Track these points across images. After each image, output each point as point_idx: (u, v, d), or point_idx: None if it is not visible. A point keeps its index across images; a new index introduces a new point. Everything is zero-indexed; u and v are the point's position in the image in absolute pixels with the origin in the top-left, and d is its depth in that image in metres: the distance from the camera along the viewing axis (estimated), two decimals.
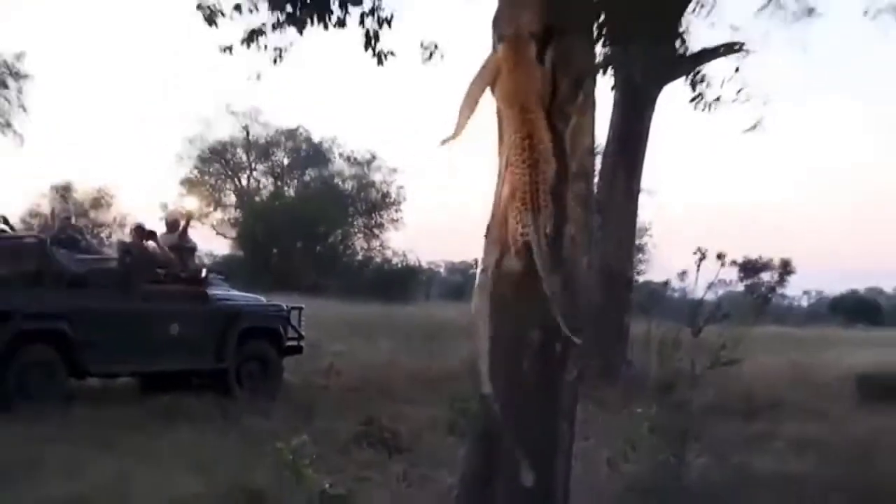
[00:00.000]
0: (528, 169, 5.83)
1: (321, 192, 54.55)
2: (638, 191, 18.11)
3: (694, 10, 15.95)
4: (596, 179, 15.68)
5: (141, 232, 14.52)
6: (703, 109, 15.41)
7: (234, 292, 15.51)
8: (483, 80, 6.18)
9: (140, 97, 76.34)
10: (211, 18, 12.41)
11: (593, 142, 6.55)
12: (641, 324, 16.04)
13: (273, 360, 14.76)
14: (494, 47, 6.12)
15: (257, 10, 12.59)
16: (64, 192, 49.40)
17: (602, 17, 10.44)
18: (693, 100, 15.63)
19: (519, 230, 5.84)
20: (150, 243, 14.33)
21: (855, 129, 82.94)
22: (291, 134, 57.10)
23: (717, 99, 15.11)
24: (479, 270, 6.16)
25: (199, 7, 12.76)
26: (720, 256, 9.70)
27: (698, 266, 9.72)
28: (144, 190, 74.79)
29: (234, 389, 13.85)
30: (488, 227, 6.01)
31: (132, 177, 74.68)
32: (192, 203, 31.25)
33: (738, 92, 14.45)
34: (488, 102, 6.15)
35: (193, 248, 15.55)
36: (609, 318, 16.18)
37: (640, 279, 42.46)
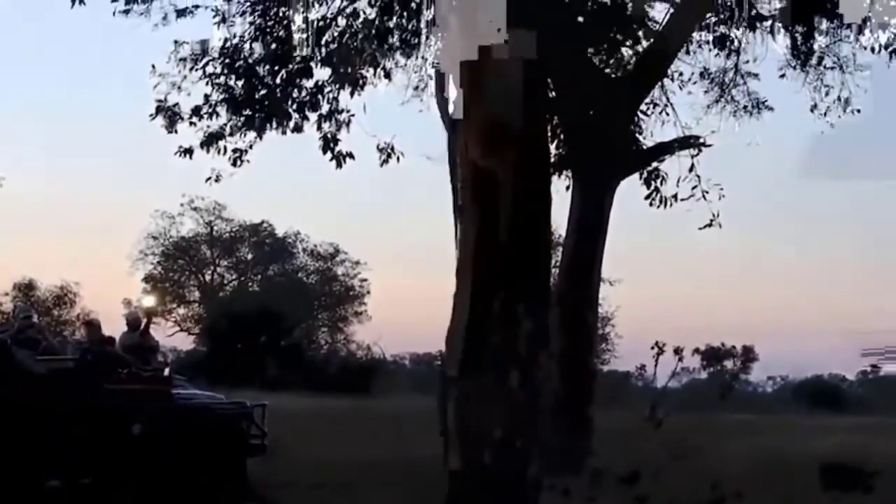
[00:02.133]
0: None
1: (285, 287, 54.53)
2: (598, 281, 18.26)
3: (647, 109, 16.30)
4: (555, 271, 15.94)
5: (92, 327, 14.51)
6: (659, 206, 15.70)
7: (197, 391, 15.46)
8: None
9: (103, 193, 76.21)
10: (171, 124, 12.62)
11: (550, 238, 6.71)
12: (605, 414, 16.10)
13: (237, 458, 14.64)
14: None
15: (217, 115, 12.81)
16: (26, 290, 49.01)
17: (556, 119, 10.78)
18: (648, 196, 15.92)
19: None
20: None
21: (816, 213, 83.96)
22: (255, 229, 57.23)
23: (675, 196, 15.44)
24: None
25: (158, 109, 12.96)
26: (678, 351, 9.86)
27: (656, 360, 9.88)
28: (107, 287, 74.20)
29: (197, 489, 13.71)
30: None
31: (95, 274, 74.21)
32: (153, 301, 31.26)
33: (694, 188, 14.79)
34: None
35: (155, 347, 15.53)
36: (572, 410, 16.21)
37: (605, 368, 42.64)
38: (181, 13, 14.18)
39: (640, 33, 15.92)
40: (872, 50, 14.97)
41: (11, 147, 64.49)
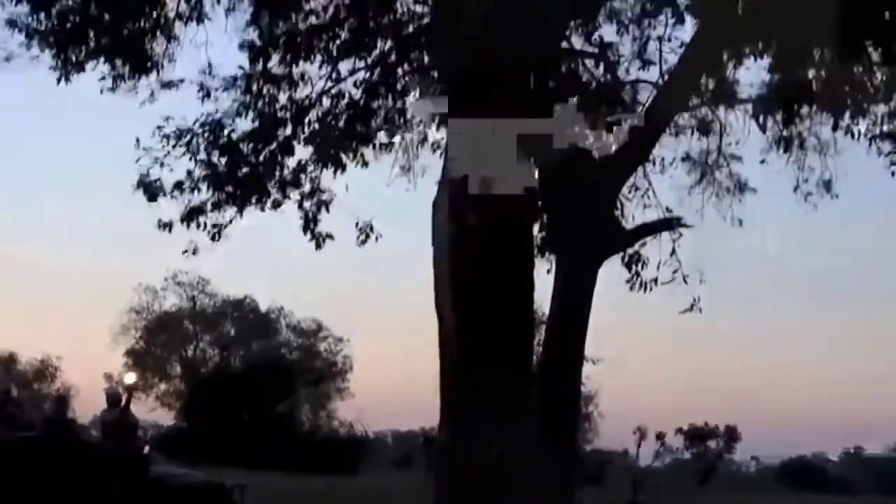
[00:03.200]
0: None
1: (268, 363, 54.28)
2: (581, 360, 18.14)
3: (629, 192, 16.40)
4: (538, 349, 15.90)
5: (59, 403, 14.55)
6: (640, 290, 15.77)
7: (177, 470, 15.32)
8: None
9: (85, 267, 76.12)
10: (153, 196, 12.66)
11: (533, 318, 6.73)
12: (588, 495, 15.97)
13: None
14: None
15: (199, 189, 12.86)
16: (7, 363, 48.70)
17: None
18: (629, 280, 15.99)
19: None
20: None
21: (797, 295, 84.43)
22: (238, 304, 57.07)
23: (655, 280, 15.52)
24: None
25: (139, 184, 12.99)
26: (660, 436, 9.85)
27: (638, 445, 9.85)
28: (89, 361, 73.87)
29: None
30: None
31: (77, 347, 73.86)
32: (133, 378, 31.24)
33: (675, 272, 14.86)
34: None
35: (135, 424, 15.41)
36: (555, 490, 16.01)
37: (588, 448, 42.37)
38: (166, 85, 14.27)
39: (625, 115, 16.06)
40: (853, 135, 15.07)
41: None
